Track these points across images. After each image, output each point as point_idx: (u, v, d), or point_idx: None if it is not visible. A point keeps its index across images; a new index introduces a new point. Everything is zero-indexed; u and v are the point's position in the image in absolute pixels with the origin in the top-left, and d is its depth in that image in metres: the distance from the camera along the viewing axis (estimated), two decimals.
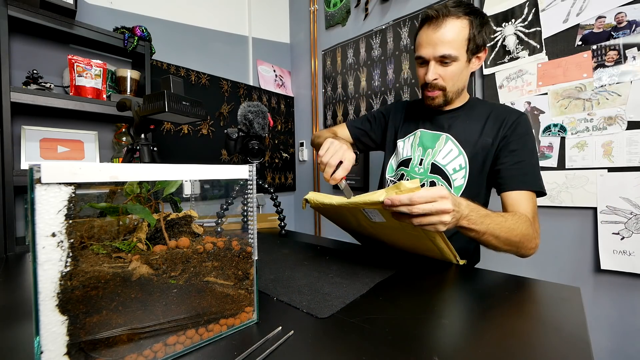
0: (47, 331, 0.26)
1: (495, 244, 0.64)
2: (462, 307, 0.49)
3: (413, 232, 0.64)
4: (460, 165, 0.82)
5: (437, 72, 0.77)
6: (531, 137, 0.78)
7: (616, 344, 1.09)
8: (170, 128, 1.64)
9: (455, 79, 0.78)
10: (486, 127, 0.81)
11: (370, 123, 1.05)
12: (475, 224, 0.59)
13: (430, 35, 0.75)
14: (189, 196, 0.45)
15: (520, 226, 0.65)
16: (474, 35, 0.74)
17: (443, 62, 0.76)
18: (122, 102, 0.84)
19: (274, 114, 2.21)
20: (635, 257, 1.04)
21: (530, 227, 0.67)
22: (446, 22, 0.73)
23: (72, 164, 0.27)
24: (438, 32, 0.73)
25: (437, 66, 0.77)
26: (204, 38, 1.83)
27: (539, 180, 0.75)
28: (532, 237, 0.67)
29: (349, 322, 0.43)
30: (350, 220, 0.77)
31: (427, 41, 0.76)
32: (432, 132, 0.88)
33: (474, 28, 0.74)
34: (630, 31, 1.04)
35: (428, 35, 0.75)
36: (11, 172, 0.98)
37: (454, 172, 0.82)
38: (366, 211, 0.65)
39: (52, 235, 0.27)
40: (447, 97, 0.81)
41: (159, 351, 0.34)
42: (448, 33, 0.73)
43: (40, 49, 1.21)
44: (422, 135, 0.89)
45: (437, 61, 0.76)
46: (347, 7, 1.96)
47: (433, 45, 0.75)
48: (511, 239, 0.64)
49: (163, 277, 0.34)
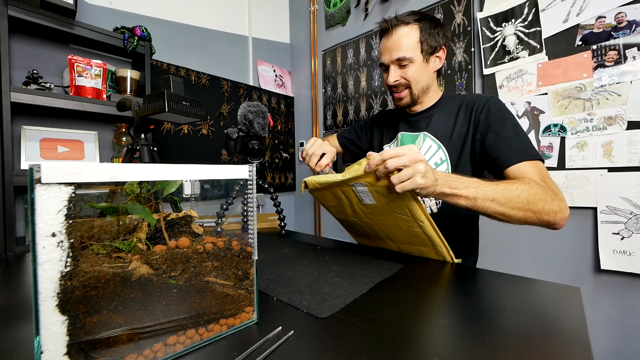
0: (47, 331, 0.26)
1: (501, 210, 0.60)
2: (462, 307, 0.49)
3: (402, 215, 0.66)
4: (441, 159, 0.85)
5: (397, 74, 0.85)
6: (508, 113, 0.79)
7: (616, 344, 1.09)
8: (170, 128, 1.64)
9: (416, 77, 0.85)
10: (459, 117, 0.85)
11: (357, 133, 1.12)
12: (459, 189, 0.59)
13: (385, 43, 0.85)
14: (189, 196, 0.45)
15: (524, 188, 0.61)
16: (426, 37, 0.82)
17: (401, 65, 0.84)
18: (122, 102, 0.84)
19: (274, 114, 2.21)
20: (635, 257, 1.04)
21: (542, 189, 0.62)
22: (397, 30, 0.82)
23: (72, 164, 0.27)
24: (391, 40, 0.83)
25: (396, 69, 0.85)
26: (204, 38, 1.83)
27: (530, 149, 0.72)
28: (549, 199, 0.61)
29: (349, 322, 0.43)
30: (345, 205, 0.77)
31: (384, 49, 0.86)
32: (410, 134, 0.93)
33: (424, 31, 0.82)
34: (630, 31, 1.04)
35: (384, 44, 0.86)
36: (11, 172, 0.98)
37: (436, 166, 0.85)
38: (358, 192, 0.69)
39: (52, 235, 0.27)
40: (414, 95, 0.87)
41: (159, 351, 0.34)
42: (399, 39, 0.82)
43: (40, 49, 1.21)
44: (403, 137, 0.94)
45: (395, 64, 0.84)
46: (347, 7, 1.96)
47: (389, 51, 0.84)
48: (517, 202, 0.60)
49: (163, 277, 0.34)
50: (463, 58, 1.44)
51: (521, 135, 0.75)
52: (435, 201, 0.86)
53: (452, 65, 1.47)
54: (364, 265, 0.68)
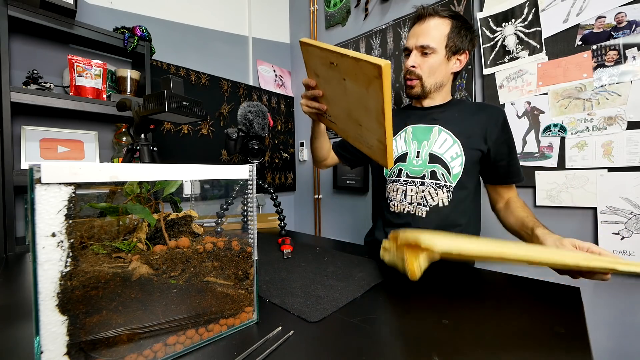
0: (47, 331, 0.26)
1: None
2: (462, 307, 0.49)
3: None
4: (456, 153, 0.87)
5: (416, 61, 0.87)
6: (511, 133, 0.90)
7: (616, 344, 1.09)
8: (170, 128, 1.64)
9: (432, 70, 0.87)
10: (475, 120, 0.89)
11: None
12: None
13: (416, 29, 0.88)
14: (189, 196, 0.45)
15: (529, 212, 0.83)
16: (454, 35, 0.85)
17: (423, 52, 0.85)
18: (122, 102, 0.84)
19: (274, 114, 2.21)
20: (635, 257, 1.04)
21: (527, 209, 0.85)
22: (430, 19, 0.85)
23: (72, 164, 0.27)
24: (422, 26, 0.86)
25: (417, 55, 0.87)
26: (204, 38, 1.83)
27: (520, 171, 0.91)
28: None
29: (349, 322, 0.43)
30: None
31: (412, 34, 0.88)
32: (423, 126, 0.93)
33: (454, 29, 0.85)
34: (630, 31, 1.04)
35: (414, 29, 0.88)
36: (11, 172, 0.97)
37: (452, 159, 0.87)
38: None
39: (52, 235, 0.27)
40: (425, 87, 0.89)
41: (159, 351, 0.34)
42: (429, 27, 0.85)
43: (40, 49, 1.21)
44: (414, 130, 0.94)
45: (418, 50, 0.86)
46: (347, 7, 1.96)
47: (416, 36, 0.86)
48: None
49: (163, 277, 0.34)
50: None
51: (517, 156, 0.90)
52: (447, 194, 0.87)
53: None
54: (361, 267, 0.67)
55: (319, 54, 0.65)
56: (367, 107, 0.59)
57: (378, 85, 0.53)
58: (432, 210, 0.87)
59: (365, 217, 1.88)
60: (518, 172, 0.90)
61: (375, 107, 0.57)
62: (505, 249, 0.44)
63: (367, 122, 0.62)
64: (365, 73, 0.54)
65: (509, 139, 0.88)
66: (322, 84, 0.72)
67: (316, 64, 0.69)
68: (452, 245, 0.43)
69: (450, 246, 0.42)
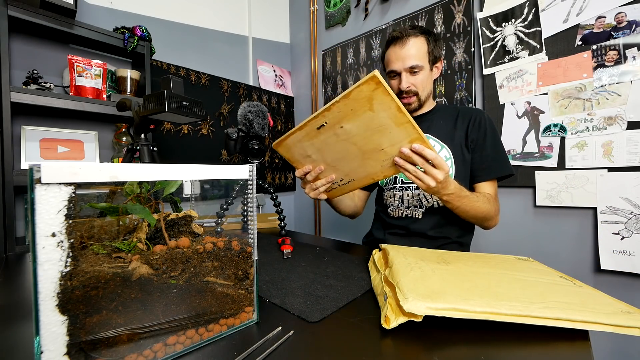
0: (47, 331, 0.26)
1: (463, 216, 0.83)
2: None
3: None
4: (445, 157, 0.92)
5: (409, 81, 0.91)
6: (494, 129, 0.93)
7: (616, 344, 1.09)
8: (170, 128, 1.64)
9: (423, 84, 0.93)
10: (457, 124, 0.95)
11: None
12: (453, 201, 0.76)
13: (398, 52, 0.91)
14: (189, 196, 0.45)
15: (485, 206, 0.83)
16: (432, 49, 0.91)
17: (412, 71, 0.91)
18: (122, 102, 0.84)
19: (274, 114, 2.21)
20: (635, 257, 1.04)
21: (492, 206, 0.85)
22: (409, 40, 0.89)
23: (72, 164, 0.27)
24: (404, 48, 0.90)
25: (408, 76, 0.91)
26: (204, 38, 1.83)
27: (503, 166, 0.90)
28: (492, 216, 0.86)
29: (349, 322, 0.43)
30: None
31: (396, 57, 0.91)
32: None
33: (430, 43, 0.91)
34: (630, 31, 1.04)
35: (396, 52, 0.91)
36: (11, 172, 0.97)
37: None
38: None
39: (52, 235, 0.27)
40: (420, 100, 0.95)
41: (159, 351, 0.34)
42: (412, 48, 0.89)
43: (40, 49, 1.21)
44: None
45: (407, 72, 0.91)
46: (347, 7, 1.96)
47: (402, 59, 0.90)
48: (477, 216, 0.83)
49: (163, 277, 0.34)
50: (463, 58, 1.44)
51: (498, 153, 0.91)
52: None
53: (452, 65, 1.47)
54: (361, 267, 0.67)
55: (299, 136, 0.65)
56: (381, 124, 0.58)
57: (381, 92, 0.53)
58: (428, 211, 0.93)
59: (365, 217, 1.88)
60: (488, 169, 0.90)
61: (389, 115, 0.57)
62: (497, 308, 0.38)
63: (389, 137, 0.60)
64: (362, 97, 0.54)
65: (486, 138, 0.91)
66: (318, 159, 0.70)
67: (302, 147, 0.68)
68: (438, 307, 0.38)
69: (436, 310, 0.38)
